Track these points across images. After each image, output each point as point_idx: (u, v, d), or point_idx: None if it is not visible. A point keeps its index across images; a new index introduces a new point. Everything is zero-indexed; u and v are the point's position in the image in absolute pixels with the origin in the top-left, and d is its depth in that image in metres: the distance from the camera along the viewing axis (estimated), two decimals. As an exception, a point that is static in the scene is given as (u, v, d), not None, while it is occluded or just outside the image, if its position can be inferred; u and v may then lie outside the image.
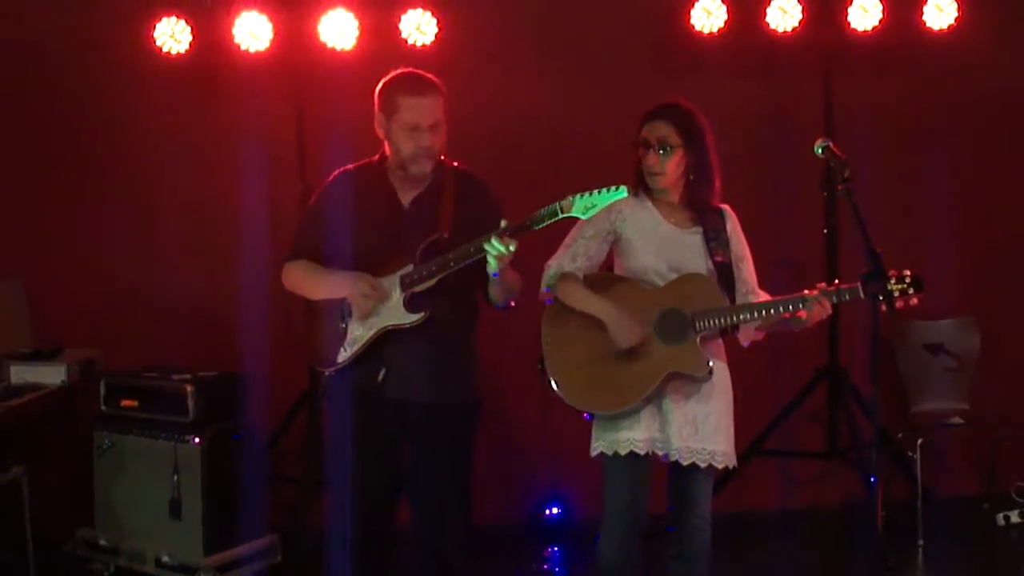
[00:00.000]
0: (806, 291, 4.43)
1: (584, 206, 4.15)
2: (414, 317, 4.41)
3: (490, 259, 4.24)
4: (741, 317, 4.45)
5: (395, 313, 4.43)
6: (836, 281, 4.49)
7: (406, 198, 4.55)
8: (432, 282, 4.39)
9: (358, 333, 4.50)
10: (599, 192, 4.14)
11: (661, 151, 4.46)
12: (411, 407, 4.50)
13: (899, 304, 4.30)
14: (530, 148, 6.34)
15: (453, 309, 4.50)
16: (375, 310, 4.45)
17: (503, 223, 4.24)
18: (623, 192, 4.16)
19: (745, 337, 4.57)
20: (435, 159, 4.49)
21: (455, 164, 4.60)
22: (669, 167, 4.48)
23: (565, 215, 4.18)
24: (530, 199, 4.36)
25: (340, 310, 4.54)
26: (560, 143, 6.39)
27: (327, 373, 4.61)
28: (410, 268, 4.42)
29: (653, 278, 4.50)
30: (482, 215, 4.45)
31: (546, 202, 4.25)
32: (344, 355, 4.52)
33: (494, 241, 4.20)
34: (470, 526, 4.69)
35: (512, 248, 4.21)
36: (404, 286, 4.42)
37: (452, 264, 4.34)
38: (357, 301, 4.45)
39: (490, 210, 4.48)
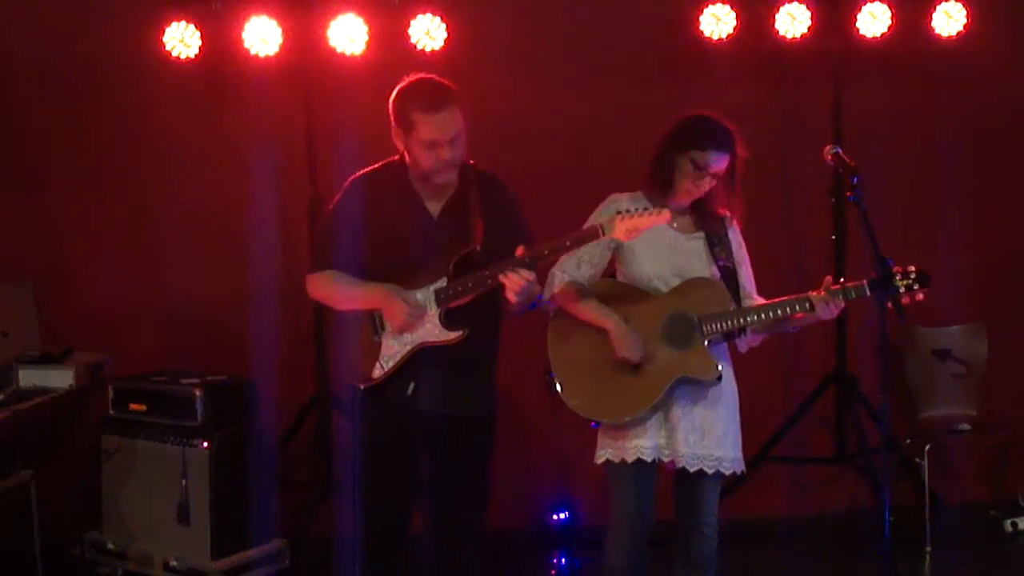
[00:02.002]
0: (811, 292, 4.41)
1: (626, 229, 4.13)
2: (453, 335, 4.36)
3: (508, 293, 4.22)
4: (748, 319, 4.44)
5: (433, 330, 4.38)
6: (842, 280, 4.47)
7: (434, 207, 4.48)
8: (469, 298, 4.34)
9: (394, 348, 4.43)
10: (641, 215, 4.12)
11: (711, 179, 4.45)
12: (435, 418, 4.45)
13: (906, 300, 4.29)
14: (539, 153, 6.33)
15: (483, 323, 4.45)
16: (411, 324, 4.39)
17: (519, 253, 4.21)
18: (666, 215, 4.16)
19: (743, 343, 4.56)
20: (458, 168, 4.44)
21: (473, 163, 4.53)
22: (705, 190, 4.49)
23: (607, 236, 4.17)
24: (539, 204, 4.36)
25: (373, 322, 4.48)
26: (569, 148, 6.40)
27: (362, 388, 4.52)
28: (444, 282, 4.36)
29: (657, 284, 4.49)
30: (509, 223, 4.44)
31: (554, 206, 4.26)
32: (380, 371, 4.45)
33: (513, 273, 4.18)
34: (485, 536, 4.69)
35: (534, 278, 4.22)
36: (439, 301, 4.36)
37: (489, 281, 4.27)
38: (394, 318, 4.39)
39: (514, 218, 4.49)
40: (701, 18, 6.29)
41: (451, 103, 4.37)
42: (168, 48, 6.05)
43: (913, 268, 4.32)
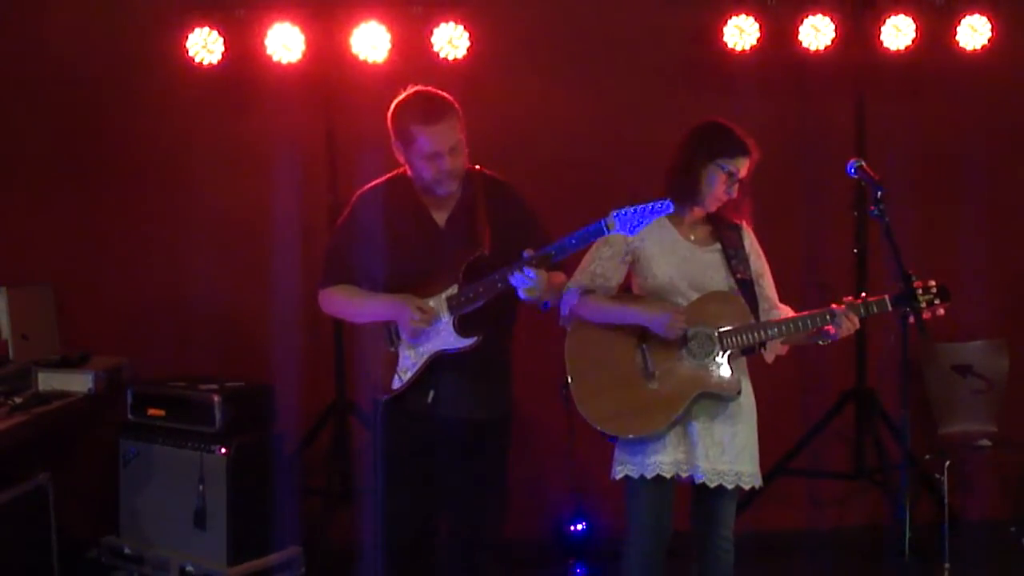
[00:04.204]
0: (833, 305, 4.40)
1: (629, 223, 4.12)
2: (467, 342, 4.38)
3: (521, 291, 4.23)
4: (768, 334, 4.42)
5: (447, 338, 4.39)
6: (863, 295, 4.46)
7: (440, 216, 4.51)
8: (480, 303, 4.35)
9: (411, 359, 4.46)
10: (643, 208, 4.09)
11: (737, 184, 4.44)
12: (455, 424, 4.47)
13: (927, 315, 4.29)
14: (561, 163, 6.33)
15: (497, 327, 4.48)
16: (425, 333, 4.41)
17: (526, 253, 4.21)
18: (669, 207, 4.10)
19: (770, 352, 4.54)
20: (459, 178, 4.46)
21: (477, 168, 4.55)
22: (734, 196, 4.47)
23: (611, 233, 4.15)
24: (560, 212, 4.35)
25: (388, 333, 4.49)
26: (592, 158, 6.39)
27: (383, 400, 4.53)
28: (455, 289, 4.38)
29: (674, 297, 4.47)
30: (519, 225, 4.45)
31: (575, 214, 4.24)
32: (399, 382, 4.47)
33: (520, 273, 4.19)
34: (503, 542, 4.69)
35: (542, 277, 4.21)
36: (451, 308, 4.38)
37: (499, 285, 4.29)
38: (407, 325, 4.39)
39: (525, 218, 4.50)
40: (725, 29, 6.29)
41: (449, 114, 4.39)
42: (191, 54, 6.08)
43: (933, 283, 4.32)
